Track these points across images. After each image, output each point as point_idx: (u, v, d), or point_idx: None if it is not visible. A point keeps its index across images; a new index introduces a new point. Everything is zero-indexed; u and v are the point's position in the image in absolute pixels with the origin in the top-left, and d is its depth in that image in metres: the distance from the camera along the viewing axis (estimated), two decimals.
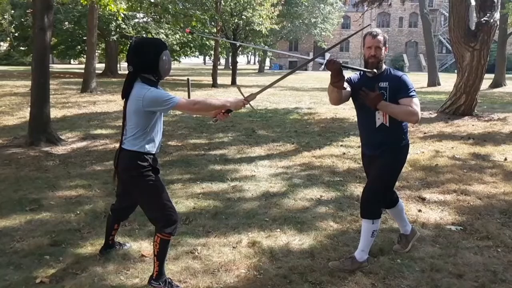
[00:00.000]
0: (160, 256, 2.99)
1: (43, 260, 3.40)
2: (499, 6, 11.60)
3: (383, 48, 3.16)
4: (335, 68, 2.97)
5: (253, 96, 3.17)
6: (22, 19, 27.46)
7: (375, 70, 2.95)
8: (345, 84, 3.14)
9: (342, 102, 3.33)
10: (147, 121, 2.91)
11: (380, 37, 3.14)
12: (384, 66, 3.22)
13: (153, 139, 2.99)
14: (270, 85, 3.46)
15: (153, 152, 3.03)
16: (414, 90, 3.13)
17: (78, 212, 4.45)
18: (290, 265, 3.38)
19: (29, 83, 8.20)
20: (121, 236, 3.79)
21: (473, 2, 11.88)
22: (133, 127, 2.93)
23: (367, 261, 3.34)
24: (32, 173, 5.90)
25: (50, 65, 8.40)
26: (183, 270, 3.28)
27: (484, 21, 10.53)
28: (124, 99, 2.98)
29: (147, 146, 2.96)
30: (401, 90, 3.09)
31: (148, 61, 2.89)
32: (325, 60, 2.98)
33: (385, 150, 3.24)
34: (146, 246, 3.64)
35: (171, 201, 3.08)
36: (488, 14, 10.61)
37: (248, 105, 3.17)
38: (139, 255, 3.51)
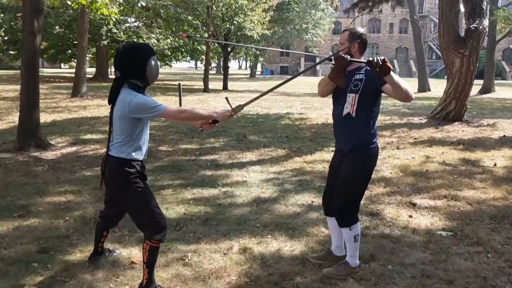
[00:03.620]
0: (149, 263, 2.96)
1: (31, 268, 3.35)
2: (488, 13, 11.74)
3: (347, 43, 3.14)
4: (344, 65, 2.99)
5: (240, 107, 3.18)
6: (12, 23, 27.22)
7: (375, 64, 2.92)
8: None
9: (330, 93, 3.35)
10: (133, 127, 2.88)
11: (345, 33, 3.19)
12: (362, 59, 3.16)
13: (140, 146, 2.97)
14: (258, 97, 3.46)
15: (140, 159, 3.01)
16: None
17: (67, 218, 4.40)
18: (281, 271, 3.36)
19: (18, 87, 8.14)
20: (110, 242, 3.75)
21: (462, 9, 12.01)
22: (119, 133, 2.90)
23: (359, 267, 3.33)
24: (21, 179, 5.83)
25: (40, 69, 8.32)
26: (174, 277, 3.25)
27: (473, 28, 10.65)
28: (110, 105, 2.95)
29: (133, 153, 2.93)
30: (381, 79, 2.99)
31: (135, 67, 2.86)
32: (334, 56, 3.01)
33: (353, 154, 3.16)
34: (136, 253, 3.60)
35: (159, 207, 3.05)
36: (477, 21, 10.74)
37: (235, 116, 3.18)
38: (129, 262, 3.47)
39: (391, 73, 2.88)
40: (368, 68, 3.02)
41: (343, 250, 3.50)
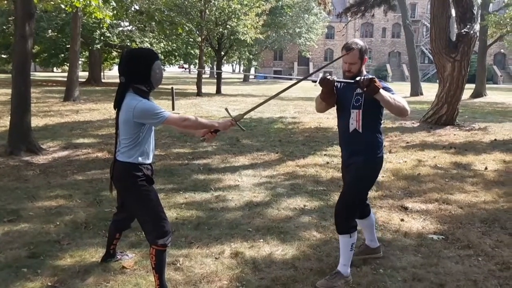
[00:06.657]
0: (158, 269, 2.98)
1: (20, 273, 3.32)
2: (479, 18, 11.88)
3: (359, 61, 3.13)
4: (329, 88, 3.01)
5: (240, 116, 3.24)
6: (4, 27, 27.09)
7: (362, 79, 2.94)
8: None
9: (329, 108, 3.38)
10: (137, 132, 2.92)
11: (355, 52, 3.09)
12: (364, 73, 3.20)
13: (146, 150, 3.01)
14: (257, 106, 3.51)
15: (147, 163, 3.04)
16: (393, 91, 3.11)
17: (58, 223, 4.37)
18: (273, 276, 3.36)
19: (10, 91, 8.07)
20: (101, 247, 3.72)
21: (453, 14, 12.12)
22: (125, 138, 2.94)
23: (350, 275, 3.33)
24: (11, 183, 5.79)
25: (32, 73, 8.31)
26: None
27: (464, 33, 10.74)
28: (116, 110, 2.99)
29: (140, 158, 2.97)
30: None
31: (139, 72, 2.90)
32: (318, 78, 3.00)
33: (359, 161, 3.20)
34: (126, 258, 3.58)
35: (164, 212, 3.06)
36: (468, 26, 10.84)
37: (235, 125, 3.22)
38: (120, 266, 3.45)
39: (381, 91, 2.91)
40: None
41: (377, 241, 3.69)
